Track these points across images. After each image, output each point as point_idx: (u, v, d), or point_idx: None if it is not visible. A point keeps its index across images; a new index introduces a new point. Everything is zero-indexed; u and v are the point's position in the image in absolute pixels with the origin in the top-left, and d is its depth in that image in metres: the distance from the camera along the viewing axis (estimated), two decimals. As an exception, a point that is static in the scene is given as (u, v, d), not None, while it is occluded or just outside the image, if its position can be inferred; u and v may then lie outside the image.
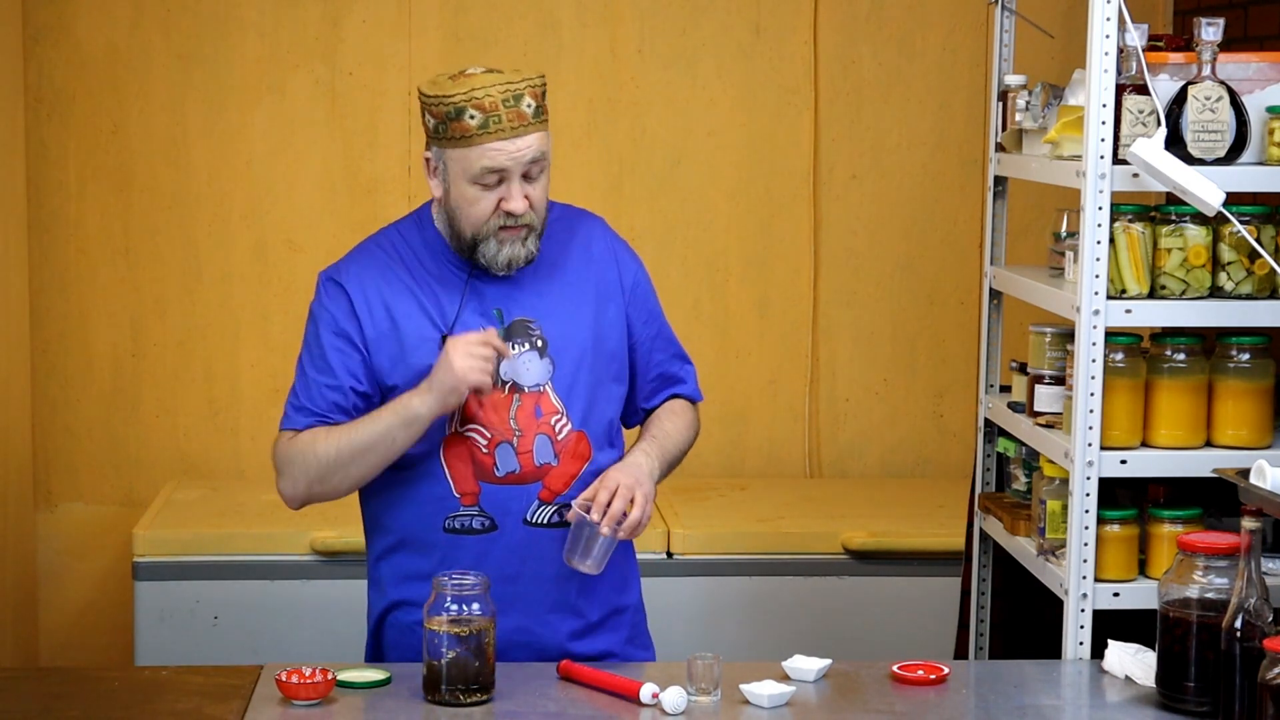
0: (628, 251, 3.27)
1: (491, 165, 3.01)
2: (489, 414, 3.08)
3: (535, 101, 3.03)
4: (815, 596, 4.52)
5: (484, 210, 3.04)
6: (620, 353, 3.20)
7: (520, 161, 3.02)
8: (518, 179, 3.03)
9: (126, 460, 5.17)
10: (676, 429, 3.25)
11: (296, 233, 5.16)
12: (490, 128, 3.00)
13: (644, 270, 3.28)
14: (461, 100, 3.00)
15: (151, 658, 4.41)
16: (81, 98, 5.09)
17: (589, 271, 3.19)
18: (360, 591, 4.49)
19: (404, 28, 5.15)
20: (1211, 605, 2.83)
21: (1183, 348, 3.27)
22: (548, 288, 3.14)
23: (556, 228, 3.19)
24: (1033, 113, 3.56)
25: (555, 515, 3.11)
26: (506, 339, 3.09)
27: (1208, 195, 3.09)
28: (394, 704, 2.88)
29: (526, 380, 3.11)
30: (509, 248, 3.06)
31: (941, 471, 5.30)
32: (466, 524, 3.11)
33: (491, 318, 3.11)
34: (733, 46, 5.21)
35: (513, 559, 3.10)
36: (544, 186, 3.08)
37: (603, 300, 3.18)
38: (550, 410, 3.11)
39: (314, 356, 3.14)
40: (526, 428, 3.10)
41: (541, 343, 3.12)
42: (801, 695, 2.94)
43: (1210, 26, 3.15)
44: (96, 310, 5.14)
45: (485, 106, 2.99)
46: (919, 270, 5.29)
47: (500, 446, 3.09)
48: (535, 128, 3.03)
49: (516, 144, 3.01)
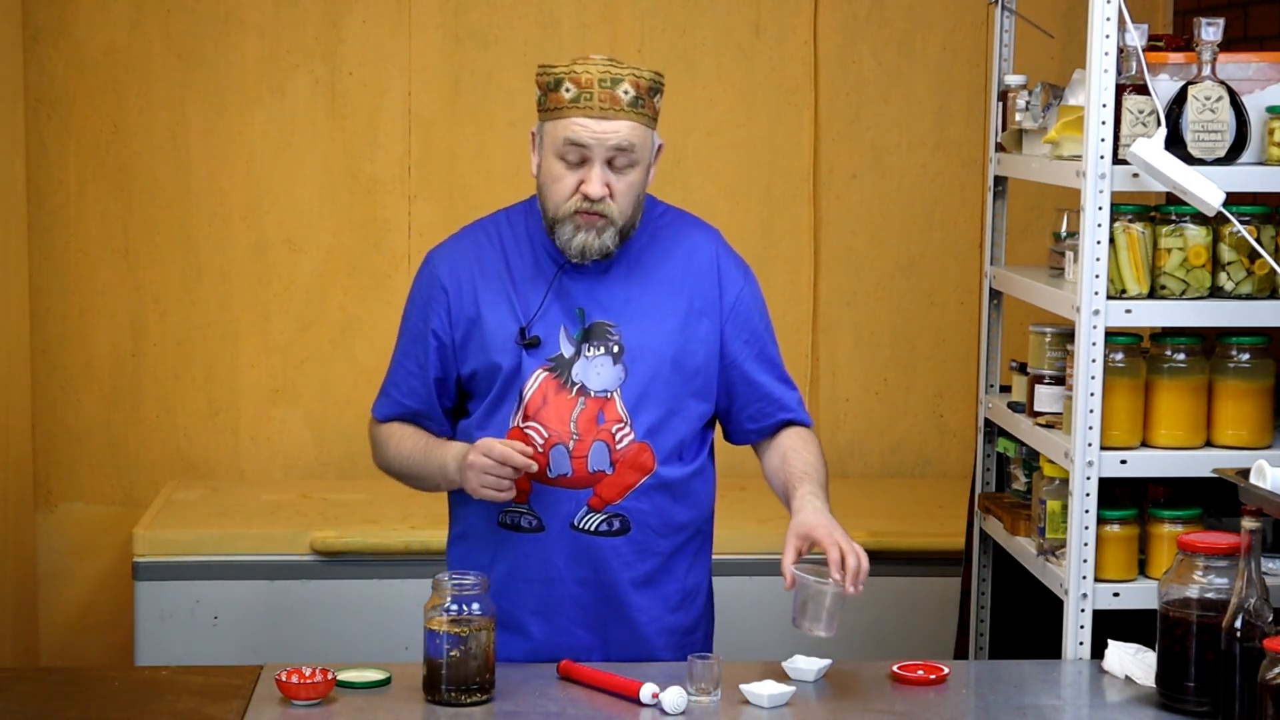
0: (736, 268, 3.20)
1: (574, 138, 3.00)
2: (550, 413, 3.07)
3: (635, 91, 3.01)
4: (815, 596, 4.51)
5: (565, 188, 3.03)
6: (706, 370, 3.14)
7: (603, 144, 3.00)
8: (600, 163, 3.01)
9: (126, 460, 5.17)
10: (816, 458, 3.17)
11: (296, 233, 5.16)
12: (581, 103, 3.00)
13: (752, 288, 3.20)
14: (562, 72, 3.02)
15: (151, 658, 4.41)
16: (81, 98, 5.09)
17: (685, 283, 3.13)
18: (359, 591, 4.50)
19: (404, 28, 5.15)
20: (1211, 605, 2.83)
21: (1183, 348, 3.27)
22: (637, 294, 3.10)
23: (663, 234, 3.16)
24: (1033, 113, 3.56)
25: (604, 524, 3.09)
26: (584, 340, 3.08)
27: (1208, 195, 3.09)
28: (394, 704, 2.88)
29: (594, 385, 3.07)
30: (583, 234, 3.03)
31: (941, 471, 5.30)
32: (516, 520, 3.10)
33: (573, 316, 3.10)
34: (733, 46, 5.21)
35: (556, 562, 3.09)
36: (631, 182, 3.03)
37: (695, 315, 3.13)
38: (614, 418, 3.07)
39: (405, 342, 3.19)
40: (585, 432, 3.07)
41: (618, 349, 3.08)
42: (801, 695, 2.94)
43: (1210, 26, 3.15)
44: (96, 310, 5.14)
45: (581, 82, 3.00)
46: (919, 270, 5.29)
47: (555, 448, 3.07)
48: (628, 115, 3.00)
49: (603, 125, 3.00)
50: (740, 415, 3.20)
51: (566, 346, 3.09)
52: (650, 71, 3.05)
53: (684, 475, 3.14)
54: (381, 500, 4.74)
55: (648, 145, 3.05)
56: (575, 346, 3.09)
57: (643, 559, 3.12)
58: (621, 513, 3.09)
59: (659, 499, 3.11)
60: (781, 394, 3.21)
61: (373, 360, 5.10)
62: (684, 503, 3.15)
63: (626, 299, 3.10)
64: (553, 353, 3.09)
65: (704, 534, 3.23)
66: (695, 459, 3.16)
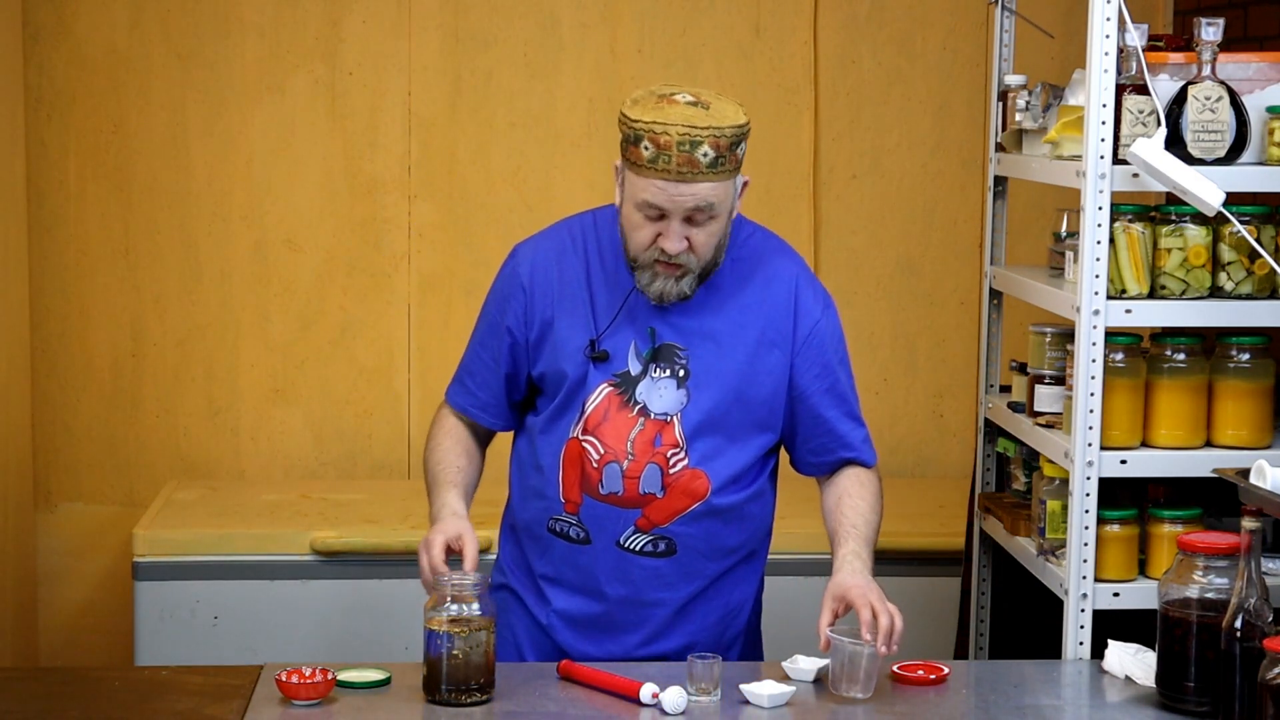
0: (815, 299, 3.15)
1: (651, 200, 2.95)
2: (609, 430, 3.06)
3: (715, 151, 2.93)
4: (815, 596, 4.48)
5: (643, 239, 3.00)
6: (772, 402, 3.11)
7: (681, 206, 2.94)
8: (678, 220, 2.96)
9: (126, 460, 5.17)
10: (869, 509, 3.19)
11: (296, 233, 5.16)
12: (659, 165, 2.93)
13: (830, 320, 3.15)
14: (642, 129, 2.94)
15: (151, 658, 4.41)
16: (81, 98, 5.09)
17: (759, 311, 3.10)
18: (359, 591, 4.49)
19: (404, 28, 5.15)
20: (1211, 605, 2.83)
21: (1183, 348, 3.27)
22: (710, 320, 3.07)
23: (746, 258, 3.13)
24: (1033, 113, 3.56)
25: (650, 545, 3.08)
26: (652, 360, 3.06)
27: (1208, 195, 3.09)
28: (394, 704, 2.88)
29: (656, 407, 3.06)
30: (660, 282, 3.01)
31: (941, 471, 5.30)
32: (564, 530, 3.10)
33: (644, 335, 3.07)
34: (733, 46, 5.21)
35: (600, 576, 3.09)
36: (711, 232, 2.99)
37: (765, 345, 3.10)
38: (670, 442, 3.06)
39: (482, 333, 3.20)
40: (641, 453, 3.05)
41: (684, 373, 3.06)
42: (801, 695, 2.93)
43: (1210, 26, 3.15)
44: (96, 310, 5.14)
45: (660, 143, 2.92)
46: (919, 270, 5.29)
47: (609, 465, 3.06)
48: (707, 178, 2.93)
49: (680, 188, 2.93)
50: (803, 448, 3.19)
51: (634, 364, 3.07)
52: (733, 126, 2.95)
53: (738, 501, 3.12)
54: (381, 500, 4.74)
55: (729, 195, 3.00)
56: (643, 365, 3.07)
57: (688, 581, 3.11)
58: (668, 536, 3.08)
59: (709, 524, 3.10)
60: (847, 431, 3.19)
61: (372, 360, 5.10)
62: (736, 526, 3.14)
63: (699, 323, 3.07)
64: (620, 369, 3.07)
65: (758, 554, 3.23)
66: (752, 484, 3.14)
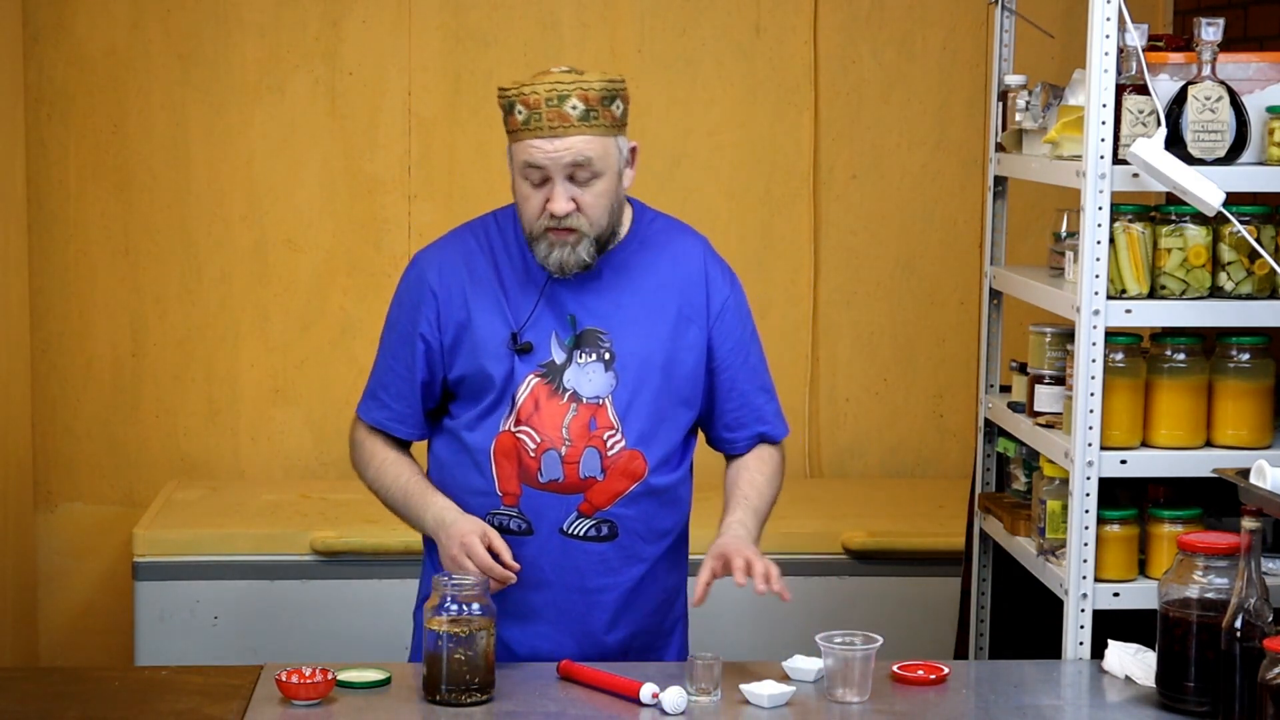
0: (723, 275, 3.21)
1: (530, 161, 3.01)
2: (542, 419, 3.07)
3: (584, 104, 3.00)
4: (815, 596, 4.52)
5: (534, 208, 3.03)
6: (694, 377, 3.15)
7: (559, 163, 3.00)
8: (560, 180, 3.01)
9: (126, 460, 5.17)
10: (765, 483, 3.22)
11: (296, 233, 5.16)
12: (531, 124, 3.00)
13: (739, 296, 3.22)
14: (513, 95, 3.02)
15: (151, 658, 4.41)
16: (81, 98, 5.09)
17: (674, 290, 3.14)
18: (359, 591, 4.49)
19: (404, 28, 5.15)
20: (1211, 605, 2.83)
21: (1183, 348, 3.27)
22: (627, 300, 3.11)
23: (653, 241, 3.18)
24: (1033, 113, 3.56)
25: (593, 529, 3.10)
26: (575, 347, 3.08)
27: (1208, 195, 3.09)
28: (394, 704, 2.88)
29: (586, 391, 3.08)
30: (558, 251, 3.03)
31: (941, 471, 5.30)
32: (505, 523, 3.10)
33: (565, 323, 3.10)
34: (733, 46, 5.21)
35: (545, 566, 3.09)
36: (598, 192, 3.04)
37: (684, 321, 3.14)
38: (605, 425, 3.08)
39: (391, 343, 3.19)
40: (577, 438, 3.07)
41: (609, 355, 3.09)
42: (801, 695, 2.94)
43: (1210, 26, 3.15)
44: (96, 310, 5.14)
45: (530, 103, 3.00)
46: (919, 270, 5.29)
47: (547, 453, 3.07)
48: (579, 130, 3.00)
49: (554, 144, 2.99)
50: (719, 423, 3.22)
51: (558, 353, 3.09)
52: (601, 81, 3.03)
53: (671, 483, 3.16)
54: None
55: (610, 153, 3.06)
56: (567, 353, 3.09)
57: (629, 564, 3.12)
58: (610, 519, 3.10)
59: (646, 505, 3.12)
60: (762, 404, 3.23)
61: (372, 360, 5.09)
62: (669, 509, 3.17)
63: (617, 306, 3.11)
64: (544, 359, 3.09)
65: (683, 538, 3.26)
66: (680, 466, 3.18)
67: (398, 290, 3.20)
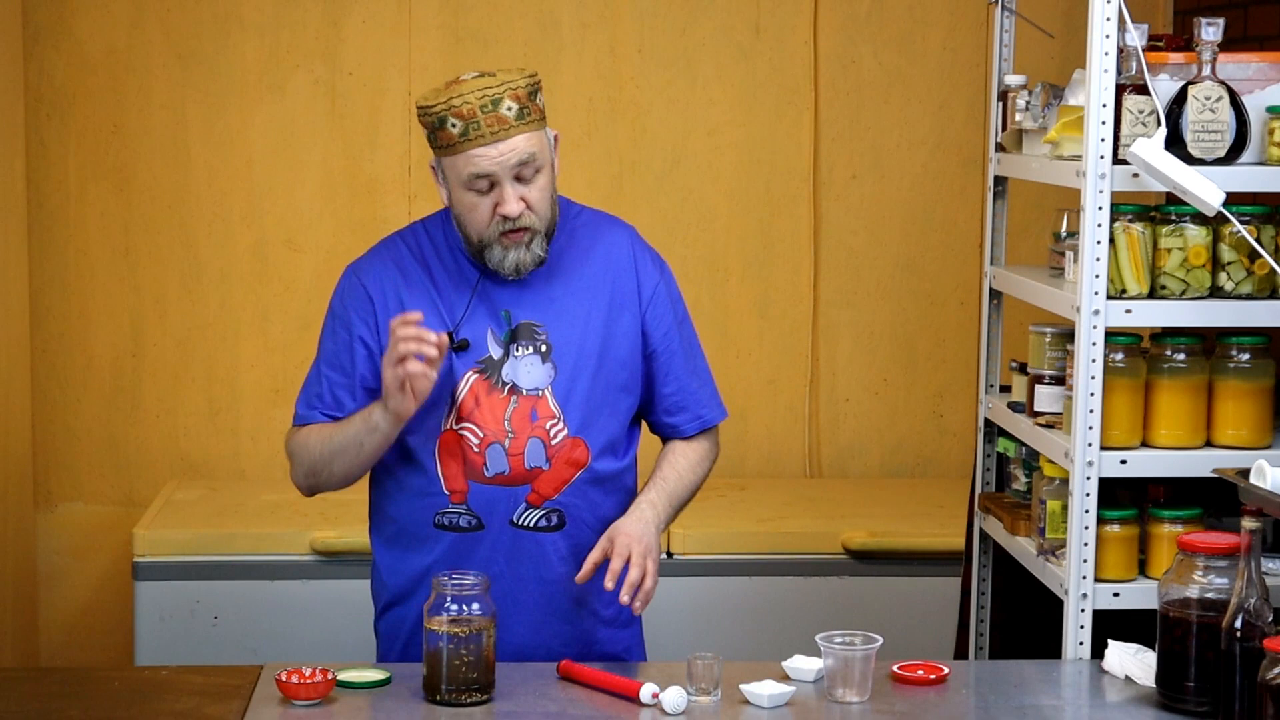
0: (652, 262, 3.25)
1: (477, 171, 3.03)
2: (484, 414, 3.10)
3: (517, 104, 3.02)
4: (815, 596, 4.52)
5: (483, 216, 3.06)
6: (631, 363, 3.18)
7: (506, 166, 3.03)
8: (509, 182, 3.04)
9: (126, 460, 5.17)
10: (687, 467, 3.25)
11: (296, 233, 5.16)
12: (470, 134, 3.02)
13: (669, 281, 3.25)
14: (442, 110, 3.02)
15: (151, 658, 4.41)
16: (81, 98, 5.09)
17: (605, 279, 3.18)
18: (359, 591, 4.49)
19: (404, 28, 5.15)
20: (1211, 605, 2.83)
21: (1183, 348, 3.26)
22: (559, 293, 3.14)
23: (580, 233, 3.20)
24: (1033, 113, 3.56)
25: (543, 519, 3.12)
26: (512, 341, 3.11)
27: (1208, 195, 3.08)
28: (394, 704, 2.88)
29: (525, 383, 3.11)
30: (514, 252, 3.07)
31: (941, 471, 5.30)
32: (454, 521, 3.12)
33: (499, 319, 3.12)
34: (733, 46, 5.21)
35: (498, 560, 3.11)
36: (542, 187, 3.07)
37: (617, 309, 3.17)
38: (546, 415, 3.11)
39: (327, 352, 3.18)
40: (520, 430, 3.10)
41: (545, 347, 3.12)
42: (801, 695, 2.94)
43: (1210, 26, 3.15)
44: (96, 310, 5.14)
45: (464, 114, 3.01)
46: (919, 270, 5.29)
47: (491, 447, 3.10)
48: (519, 129, 3.02)
49: (499, 148, 3.02)
50: (659, 408, 3.25)
51: (495, 348, 3.11)
52: (524, 77, 3.05)
53: (615, 470, 3.18)
54: (381, 500, 4.73)
55: (544, 146, 3.08)
56: (503, 347, 3.11)
57: (577, 553, 3.14)
58: (558, 507, 3.13)
59: (591, 494, 3.15)
60: (697, 387, 3.26)
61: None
62: (614, 498, 3.19)
63: (550, 298, 3.13)
64: (481, 355, 3.11)
65: None
66: (625, 455, 3.21)
67: (331, 302, 3.21)
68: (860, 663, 2.91)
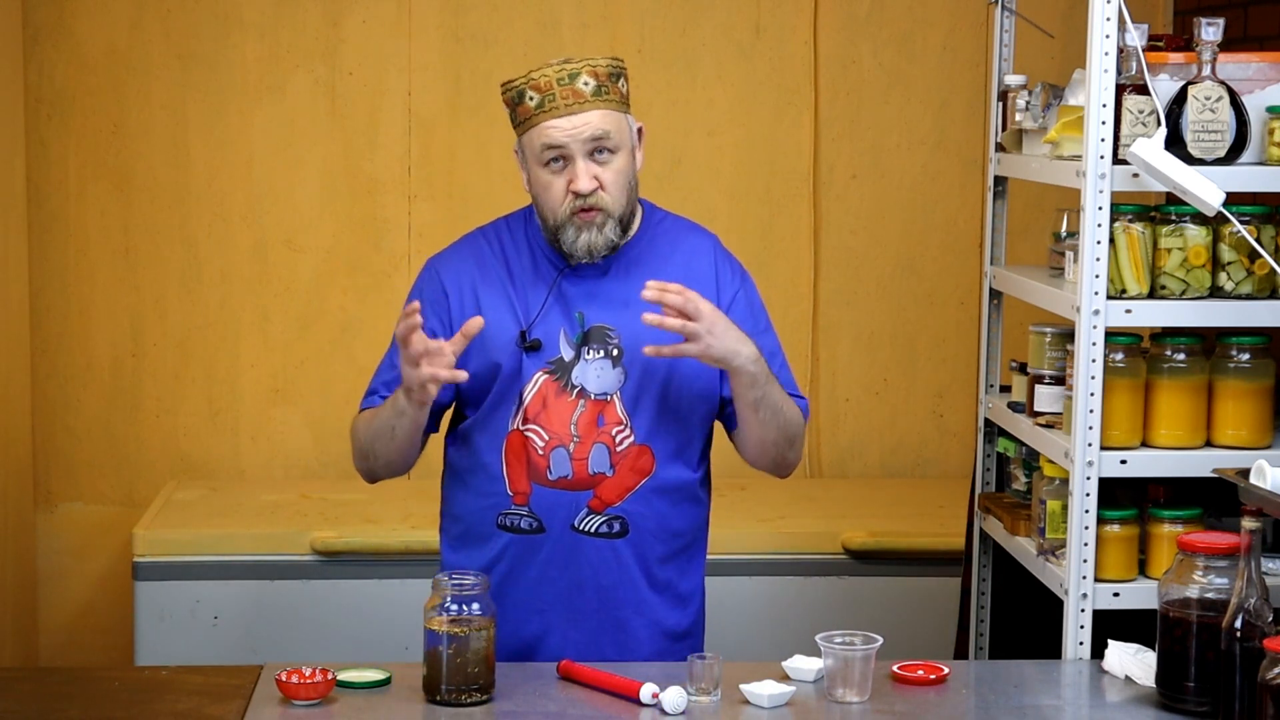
0: (732, 270, 3.21)
1: (549, 142, 3.03)
2: (550, 416, 3.08)
3: (595, 80, 3.04)
4: (815, 596, 4.52)
5: (557, 194, 3.05)
6: (706, 372, 3.12)
7: (578, 139, 3.02)
8: (582, 158, 3.03)
9: (126, 460, 5.17)
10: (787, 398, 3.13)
11: (296, 233, 5.17)
12: (545, 106, 3.03)
13: (749, 290, 3.21)
14: (521, 84, 3.05)
15: (151, 658, 4.41)
16: (81, 98, 5.09)
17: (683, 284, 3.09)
18: (359, 591, 4.49)
19: (404, 28, 5.15)
20: (1211, 605, 2.83)
21: (1183, 348, 3.27)
22: (636, 297, 3.08)
23: (661, 238, 3.19)
24: (1033, 113, 3.56)
25: (604, 525, 3.10)
26: (584, 343, 3.09)
27: (1208, 195, 3.09)
28: (394, 704, 2.88)
29: (594, 387, 3.09)
30: (586, 234, 3.05)
31: (941, 471, 5.30)
32: (516, 523, 3.11)
33: (573, 320, 3.11)
34: (733, 46, 5.21)
35: (556, 563, 3.10)
36: (618, 170, 3.06)
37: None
38: (613, 420, 3.09)
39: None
40: (586, 434, 3.08)
41: (617, 351, 3.10)
42: (801, 695, 2.94)
43: (1210, 26, 3.15)
44: (96, 310, 5.14)
45: (541, 86, 3.03)
46: (919, 270, 5.29)
47: (556, 450, 3.08)
48: (594, 105, 3.03)
49: (572, 121, 3.02)
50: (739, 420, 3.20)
51: (566, 350, 3.10)
52: (606, 59, 3.08)
53: (683, 481, 3.15)
54: (381, 500, 4.74)
55: (624, 129, 3.08)
56: (575, 350, 3.10)
57: (641, 562, 3.13)
58: (621, 515, 3.10)
59: (657, 503, 3.12)
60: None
61: (372, 360, 5.05)
62: (681, 509, 3.17)
63: (625, 302, 3.11)
64: (552, 356, 3.10)
65: (699, 542, 3.25)
66: (694, 464, 3.18)
67: (411, 293, 3.21)
68: (860, 663, 2.91)
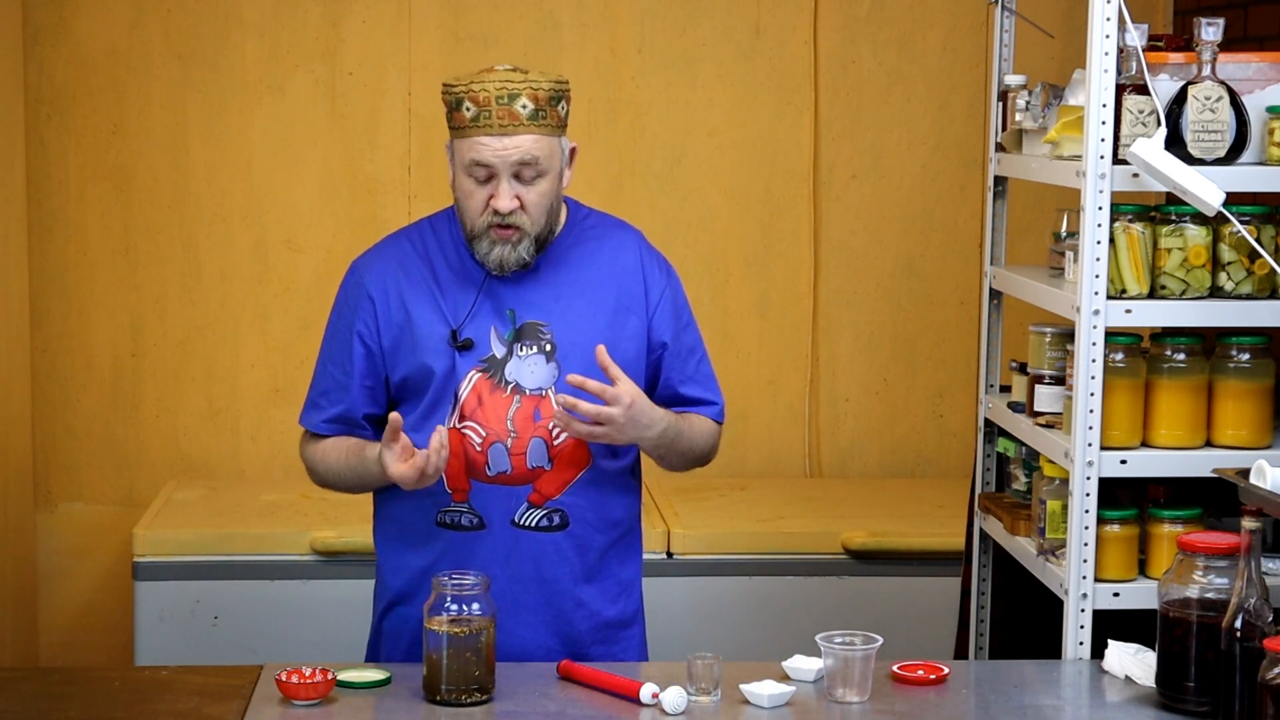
0: (659, 267, 3.25)
1: (477, 159, 3.04)
2: (486, 413, 3.10)
3: (534, 104, 3.04)
4: (815, 596, 4.52)
5: (476, 205, 3.07)
6: (634, 366, 3.16)
7: (506, 160, 3.04)
8: (507, 178, 3.05)
9: (126, 460, 5.17)
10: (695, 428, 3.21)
11: (296, 233, 5.17)
12: (480, 122, 3.03)
13: (675, 286, 3.25)
14: (461, 92, 3.05)
15: (151, 658, 4.41)
16: (81, 98, 5.09)
17: (612, 282, 3.18)
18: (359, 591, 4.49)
19: (404, 28, 5.15)
20: (1211, 605, 2.83)
21: (1183, 348, 3.27)
22: (566, 293, 3.14)
23: (588, 236, 3.21)
24: (1033, 113, 3.56)
25: (544, 519, 3.12)
26: (516, 340, 3.11)
27: (1208, 195, 3.09)
28: (394, 704, 2.88)
29: (529, 383, 3.11)
30: (500, 248, 3.07)
31: (941, 471, 5.30)
32: (456, 520, 3.13)
33: (504, 318, 3.12)
34: (733, 46, 5.21)
35: (497, 559, 3.11)
36: (541, 192, 3.07)
37: (622, 312, 3.17)
38: (550, 414, 3.10)
39: (330, 349, 3.21)
40: (523, 430, 3.10)
41: (550, 347, 3.12)
42: (801, 695, 2.94)
43: (1210, 26, 3.15)
44: (96, 310, 5.14)
45: (480, 100, 3.03)
46: (919, 270, 5.29)
47: (494, 446, 3.10)
48: (528, 129, 3.04)
49: (504, 142, 3.03)
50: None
51: (498, 347, 3.12)
52: (549, 81, 3.08)
53: (619, 467, 3.19)
54: (381, 500, 4.74)
55: (555, 153, 3.09)
56: (507, 347, 3.12)
57: (581, 554, 3.15)
58: (560, 508, 3.13)
59: (594, 494, 3.15)
60: (700, 394, 3.25)
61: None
62: (617, 498, 3.20)
63: (556, 298, 3.14)
64: (485, 354, 3.12)
65: (634, 531, 3.28)
66: (628, 454, 3.21)
67: (336, 299, 3.23)
68: (860, 663, 2.91)
